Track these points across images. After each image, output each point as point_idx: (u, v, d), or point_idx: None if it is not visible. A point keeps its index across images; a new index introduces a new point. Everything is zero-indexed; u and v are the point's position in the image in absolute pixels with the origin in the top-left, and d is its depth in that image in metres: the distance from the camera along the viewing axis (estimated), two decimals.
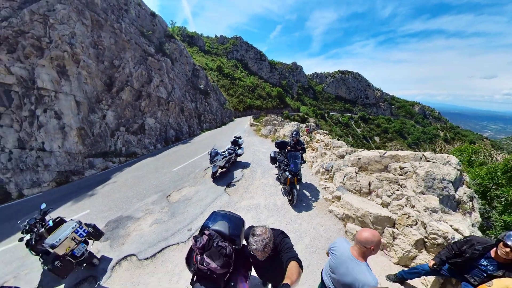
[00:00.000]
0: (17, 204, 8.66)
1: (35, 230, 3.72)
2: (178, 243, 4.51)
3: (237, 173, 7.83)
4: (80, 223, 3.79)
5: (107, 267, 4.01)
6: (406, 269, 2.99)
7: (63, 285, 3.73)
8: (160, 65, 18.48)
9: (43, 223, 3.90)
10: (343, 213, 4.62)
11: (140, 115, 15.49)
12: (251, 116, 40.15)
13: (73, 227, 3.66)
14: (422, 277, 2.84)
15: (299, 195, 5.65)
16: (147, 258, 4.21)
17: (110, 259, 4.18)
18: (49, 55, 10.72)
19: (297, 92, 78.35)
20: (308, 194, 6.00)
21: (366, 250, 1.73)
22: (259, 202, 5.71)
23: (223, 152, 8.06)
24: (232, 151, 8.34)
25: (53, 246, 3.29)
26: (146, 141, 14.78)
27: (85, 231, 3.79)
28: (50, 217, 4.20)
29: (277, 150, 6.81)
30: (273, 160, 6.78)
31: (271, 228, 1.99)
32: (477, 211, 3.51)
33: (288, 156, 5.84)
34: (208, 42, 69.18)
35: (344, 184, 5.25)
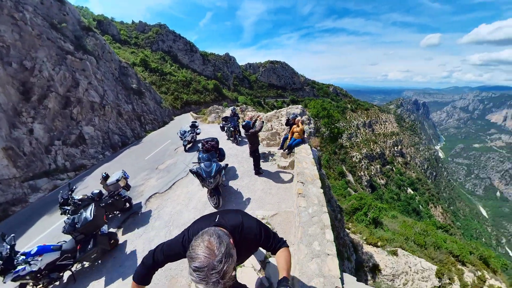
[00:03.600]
0: None
1: (70, 201, 4.84)
2: (182, 178, 7.53)
3: (200, 144, 10.49)
4: (123, 170, 5.96)
5: (141, 204, 6.27)
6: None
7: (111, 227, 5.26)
8: (84, 65, 15.88)
9: (73, 198, 5.03)
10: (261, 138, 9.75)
11: (74, 124, 13.38)
12: (191, 112, 38.91)
13: (121, 172, 5.75)
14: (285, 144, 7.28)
15: (240, 140, 10.03)
16: (166, 190, 6.86)
17: (140, 202, 6.38)
18: None
19: (233, 83, 79.92)
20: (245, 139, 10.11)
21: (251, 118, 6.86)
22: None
23: (188, 131, 11.10)
24: (193, 131, 11.30)
25: (118, 180, 5.35)
26: (91, 151, 13.12)
27: (127, 175, 5.90)
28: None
29: (224, 122, 11.35)
30: (222, 128, 11.56)
31: (222, 214, 1.49)
32: (312, 123, 10.41)
33: (229, 120, 10.52)
34: (124, 30, 58.54)
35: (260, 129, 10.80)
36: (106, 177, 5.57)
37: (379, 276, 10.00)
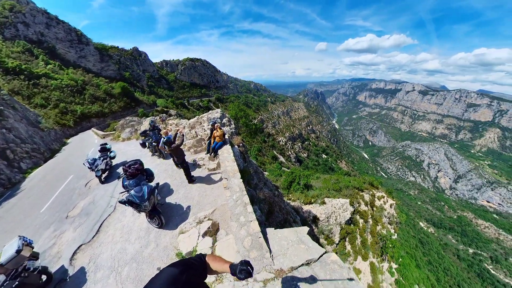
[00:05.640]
0: None
1: None
2: (109, 214, 6.46)
3: (120, 170, 8.18)
4: (20, 236, 4.40)
5: (64, 267, 4.89)
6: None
7: None
8: None
9: None
10: (188, 146, 10.06)
11: None
12: (93, 129, 29.65)
13: (19, 238, 4.26)
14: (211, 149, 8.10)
15: (166, 154, 9.29)
16: (94, 236, 5.68)
17: (62, 265, 4.96)
18: None
19: (148, 84, 67.36)
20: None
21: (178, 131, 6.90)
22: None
23: (99, 157, 9.47)
24: (106, 156, 9.67)
25: (18, 251, 3.98)
26: None
27: (30, 241, 4.41)
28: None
29: (144, 138, 11.16)
30: (143, 145, 11.32)
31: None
32: (232, 123, 10.65)
33: (150, 135, 10.30)
34: None
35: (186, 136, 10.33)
36: None
37: (319, 222, 13.38)
